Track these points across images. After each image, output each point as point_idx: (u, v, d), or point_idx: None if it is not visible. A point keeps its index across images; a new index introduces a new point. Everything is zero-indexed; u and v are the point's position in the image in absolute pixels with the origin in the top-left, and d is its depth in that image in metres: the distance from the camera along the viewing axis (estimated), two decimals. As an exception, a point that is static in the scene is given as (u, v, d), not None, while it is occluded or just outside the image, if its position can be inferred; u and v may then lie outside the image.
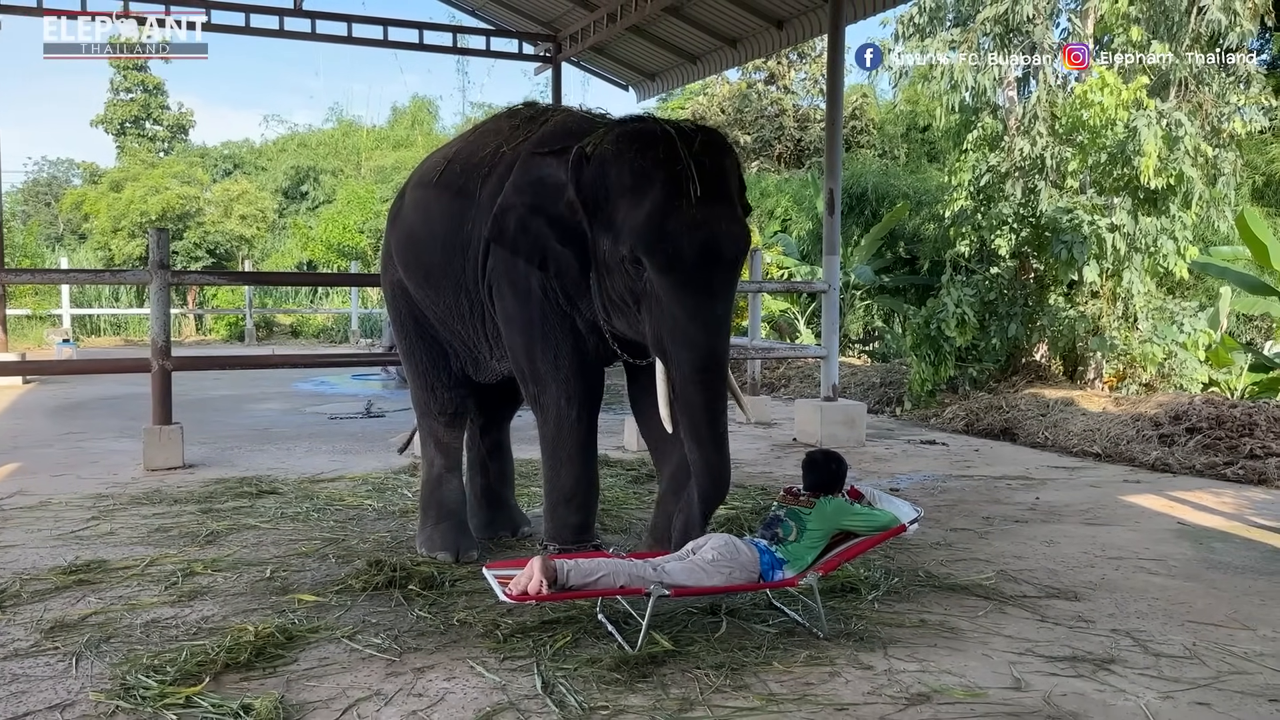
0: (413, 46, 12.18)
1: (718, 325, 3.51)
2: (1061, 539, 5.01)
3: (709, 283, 3.47)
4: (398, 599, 3.87)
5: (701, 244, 3.42)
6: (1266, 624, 3.72)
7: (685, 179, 3.43)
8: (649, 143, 3.53)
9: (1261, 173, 14.66)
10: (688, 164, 3.44)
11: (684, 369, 3.46)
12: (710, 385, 3.47)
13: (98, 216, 25.30)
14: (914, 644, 3.46)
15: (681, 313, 3.44)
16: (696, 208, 3.42)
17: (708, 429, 3.48)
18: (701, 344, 3.45)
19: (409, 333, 4.70)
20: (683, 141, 3.50)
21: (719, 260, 3.48)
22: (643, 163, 3.51)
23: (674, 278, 3.43)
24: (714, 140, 3.65)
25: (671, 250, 3.41)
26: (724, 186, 3.57)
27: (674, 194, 3.43)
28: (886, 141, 22.46)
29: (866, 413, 8.65)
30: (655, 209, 3.44)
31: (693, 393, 3.47)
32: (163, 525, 5.10)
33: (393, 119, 35.82)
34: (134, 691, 2.97)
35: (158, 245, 6.75)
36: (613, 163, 3.57)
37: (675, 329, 3.46)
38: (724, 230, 3.49)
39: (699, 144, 3.53)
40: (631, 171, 3.52)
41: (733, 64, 11.85)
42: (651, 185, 3.47)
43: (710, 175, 3.49)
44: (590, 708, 2.90)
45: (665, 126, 3.60)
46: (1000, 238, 9.83)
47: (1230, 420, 7.36)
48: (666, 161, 3.47)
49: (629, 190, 3.52)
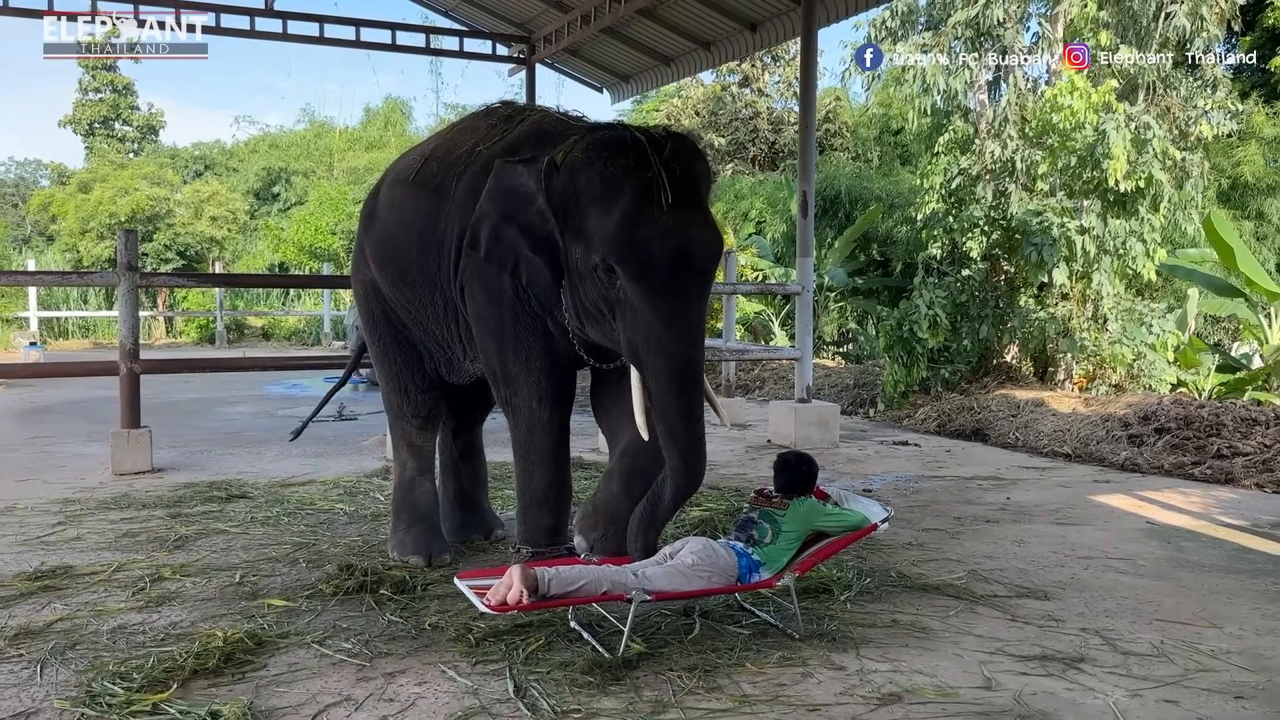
0: (385, 47, 12.10)
1: (692, 332, 3.51)
2: (1032, 539, 5.05)
3: (682, 289, 3.46)
4: (369, 603, 3.84)
5: (674, 250, 3.41)
6: (1233, 622, 3.76)
7: (656, 186, 3.42)
8: (619, 150, 3.52)
9: (1228, 176, 14.85)
10: (658, 171, 3.43)
11: (660, 377, 3.45)
12: (686, 392, 3.46)
13: (66, 218, 25.01)
14: (886, 644, 3.47)
15: (656, 320, 3.43)
16: (668, 214, 3.41)
17: (685, 433, 3.47)
18: (676, 352, 3.44)
19: (382, 334, 4.66)
20: (653, 148, 3.49)
21: (691, 266, 3.47)
22: (612, 170, 3.49)
23: (647, 285, 3.42)
24: (685, 146, 3.64)
25: (643, 257, 3.40)
26: (695, 192, 3.57)
27: (645, 201, 3.42)
28: (859, 144, 22.59)
29: (840, 414, 8.68)
30: (626, 216, 3.43)
31: (669, 400, 3.45)
32: (131, 530, 5.04)
33: (365, 120, 35.63)
34: (100, 699, 2.93)
35: (126, 247, 6.68)
36: (583, 171, 3.56)
37: (650, 337, 3.44)
38: (696, 236, 3.48)
39: (669, 150, 3.51)
40: (601, 179, 3.51)
41: (707, 66, 11.86)
42: (622, 193, 3.45)
43: (681, 181, 3.48)
44: (563, 711, 2.89)
45: (635, 133, 3.58)
46: (971, 240, 9.91)
47: (1198, 420, 7.44)
48: (637, 168, 3.45)
49: (599, 198, 3.51)
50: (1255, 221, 15.17)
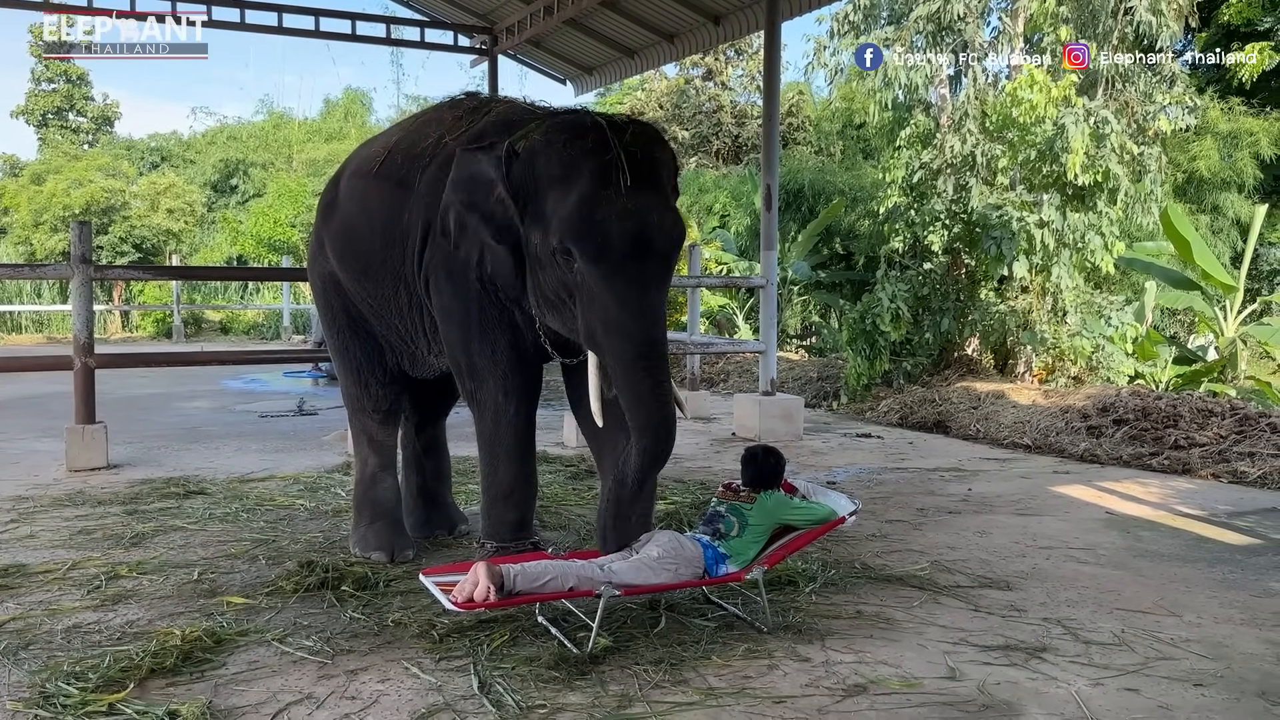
0: (345, 37, 11.97)
1: (652, 313, 3.46)
2: (994, 529, 5.09)
3: (641, 272, 3.43)
4: (330, 600, 3.79)
5: (632, 233, 3.37)
6: (1192, 610, 3.81)
7: (615, 168, 3.38)
8: (578, 133, 3.49)
9: (1184, 170, 15.06)
10: (617, 153, 3.40)
11: (623, 358, 3.41)
12: (652, 371, 3.41)
13: (18, 210, 24.49)
14: (851, 635, 3.48)
15: (613, 302, 3.39)
16: (626, 197, 3.38)
17: (657, 412, 3.42)
18: (635, 331, 3.40)
19: (341, 327, 4.59)
20: (613, 131, 3.47)
21: (650, 249, 3.43)
22: (571, 153, 3.46)
23: (604, 267, 3.39)
24: (646, 132, 3.62)
25: (600, 239, 3.36)
26: (656, 177, 3.53)
27: (603, 183, 3.38)
28: (822, 138, 22.64)
29: (804, 407, 8.71)
30: (584, 198, 3.39)
31: (637, 380, 3.40)
32: (86, 527, 4.95)
33: (325, 111, 35.23)
34: (54, 699, 2.87)
35: (80, 239, 6.54)
36: (541, 154, 3.53)
37: (608, 319, 3.41)
38: (655, 220, 3.44)
39: (630, 134, 3.49)
40: (560, 162, 3.48)
41: (670, 59, 11.84)
42: (580, 175, 3.42)
43: (641, 165, 3.45)
44: (528, 707, 2.87)
45: (596, 117, 3.56)
46: (933, 234, 9.96)
47: (1156, 412, 7.54)
48: (595, 151, 3.42)
49: (558, 181, 3.47)
50: (1211, 215, 15.41)
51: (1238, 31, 16.38)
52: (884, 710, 2.88)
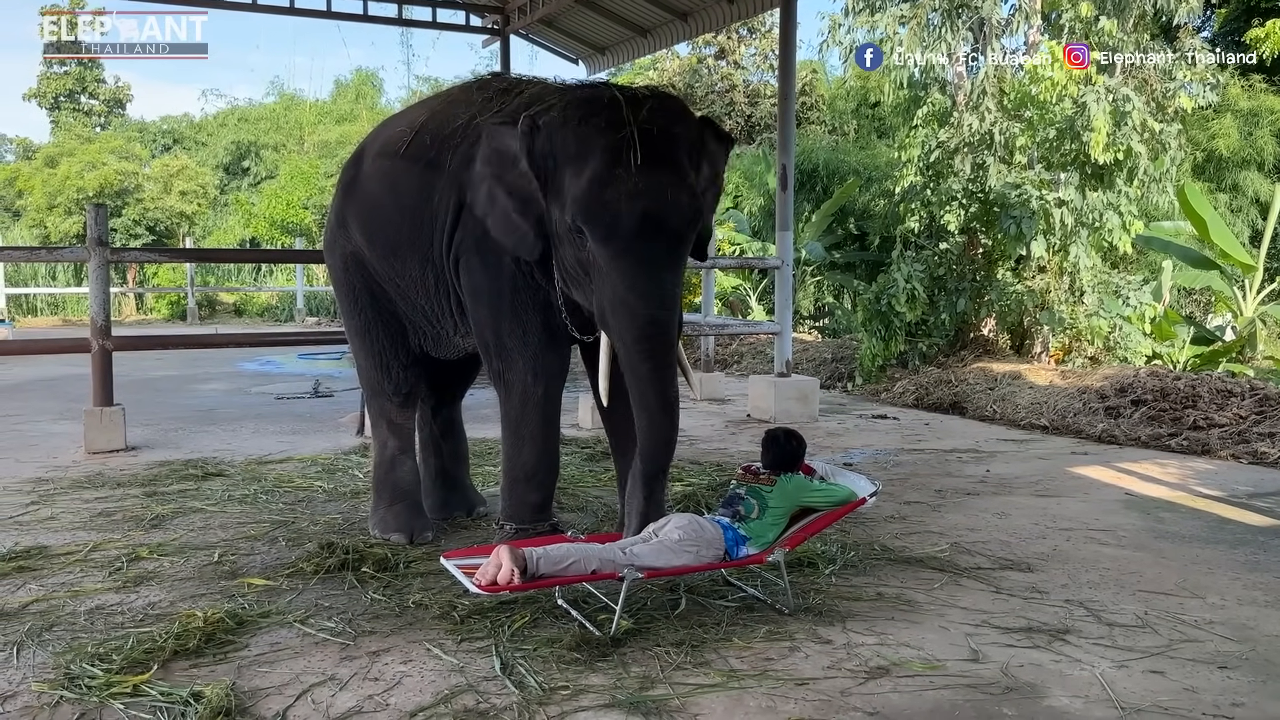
0: (356, 18, 11.90)
1: (659, 295, 3.43)
2: (1013, 511, 5.07)
3: (650, 252, 3.40)
4: (351, 582, 3.80)
5: (642, 213, 3.34)
6: (1215, 592, 3.79)
7: (627, 146, 3.34)
8: (594, 108, 3.46)
9: (1203, 149, 14.92)
10: (631, 130, 3.35)
11: (625, 338, 3.40)
12: (653, 354, 3.39)
13: (32, 193, 24.58)
14: (872, 617, 3.47)
15: (620, 282, 3.37)
16: (638, 175, 3.33)
17: (655, 397, 3.42)
18: (640, 313, 3.38)
19: (363, 308, 4.54)
20: (630, 107, 3.42)
21: (660, 230, 3.39)
22: (585, 129, 3.42)
23: (613, 247, 3.37)
24: (666, 106, 3.56)
25: (610, 219, 3.34)
26: (674, 154, 3.47)
27: (614, 162, 3.34)
28: (837, 118, 22.48)
29: (819, 388, 8.68)
30: (595, 176, 3.36)
31: (637, 361, 3.40)
32: (106, 509, 4.97)
33: (336, 93, 35.15)
34: (79, 681, 2.88)
35: (96, 221, 6.55)
36: (559, 130, 3.50)
37: (615, 299, 3.40)
38: (668, 199, 3.39)
39: (648, 109, 3.44)
40: (576, 138, 3.44)
41: (684, 38, 11.73)
42: (593, 152, 3.39)
43: (657, 141, 3.40)
44: (550, 688, 2.87)
45: (614, 92, 3.51)
46: (949, 213, 9.90)
47: (1174, 392, 7.49)
48: (609, 128, 3.38)
49: (573, 157, 3.44)
50: (1230, 194, 15.27)
51: (1258, 7, 16.19)
52: (907, 692, 2.87)
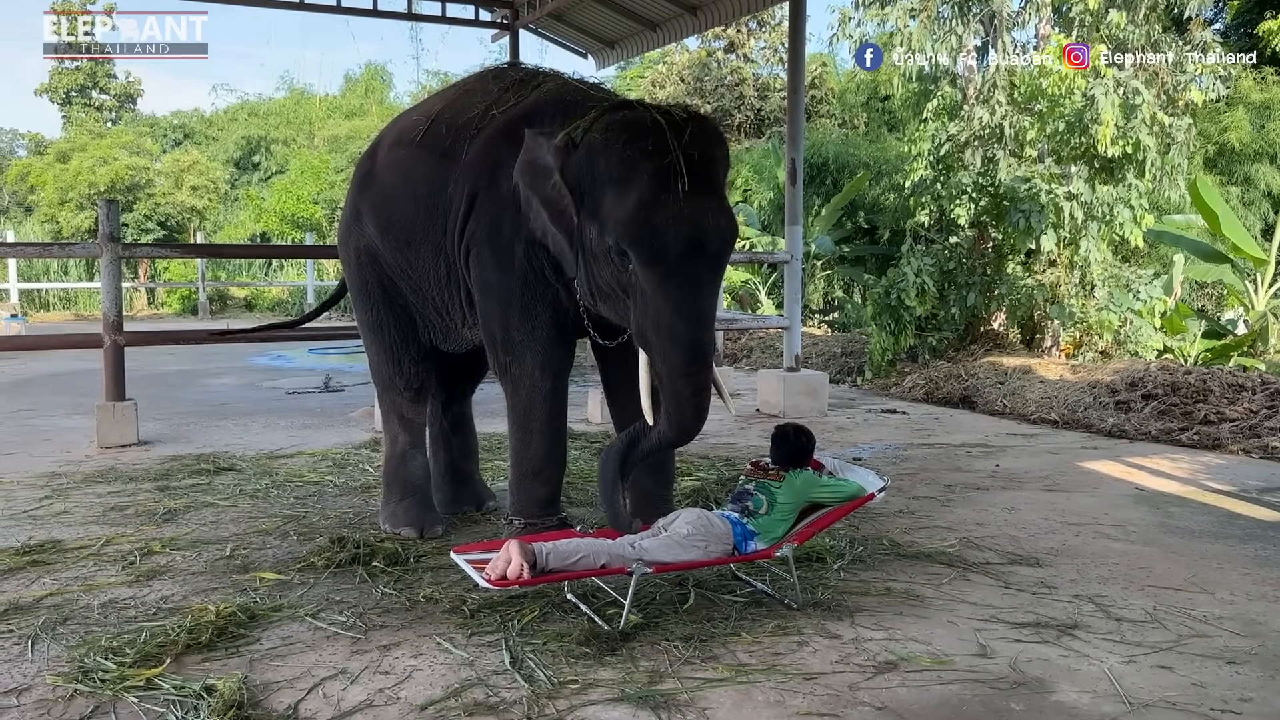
0: (366, 13, 11.91)
1: (702, 318, 3.48)
2: (1022, 505, 5.07)
3: (695, 276, 3.43)
4: (362, 576, 3.82)
5: (687, 238, 3.37)
6: (1224, 587, 3.78)
7: (673, 172, 3.36)
8: (638, 133, 3.44)
9: (1214, 142, 14.84)
10: (676, 156, 3.37)
11: (670, 363, 3.44)
12: (695, 378, 3.45)
13: (44, 188, 24.68)
14: (880, 612, 3.48)
15: (666, 306, 3.40)
16: (684, 201, 3.36)
17: (693, 419, 3.49)
18: (684, 338, 3.41)
19: (376, 302, 4.56)
20: (673, 131, 3.42)
21: (704, 254, 3.43)
22: (630, 153, 3.42)
23: (659, 272, 3.39)
24: (705, 130, 3.56)
25: (657, 245, 3.36)
26: (713, 178, 3.51)
27: (661, 187, 3.36)
28: (846, 111, 22.44)
29: (828, 383, 8.68)
30: (642, 202, 3.37)
31: (680, 386, 3.44)
32: (118, 504, 5.00)
33: (345, 88, 35.25)
34: (92, 674, 2.90)
35: (108, 217, 6.58)
36: (600, 152, 3.49)
37: (660, 323, 3.42)
38: (711, 224, 3.43)
39: (689, 135, 3.45)
40: (620, 162, 3.44)
41: (693, 31, 11.69)
42: (639, 177, 3.39)
43: (699, 166, 3.42)
44: (559, 682, 2.88)
45: (655, 115, 3.50)
46: (959, 207, 9.88)
47: (1185, 386, 7.47)
48: (655, 153, 3.39)
49: (615, 181, 3.45)
50: (1242, 187, 15.19)
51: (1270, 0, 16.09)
52: (915, 687, 2.88)
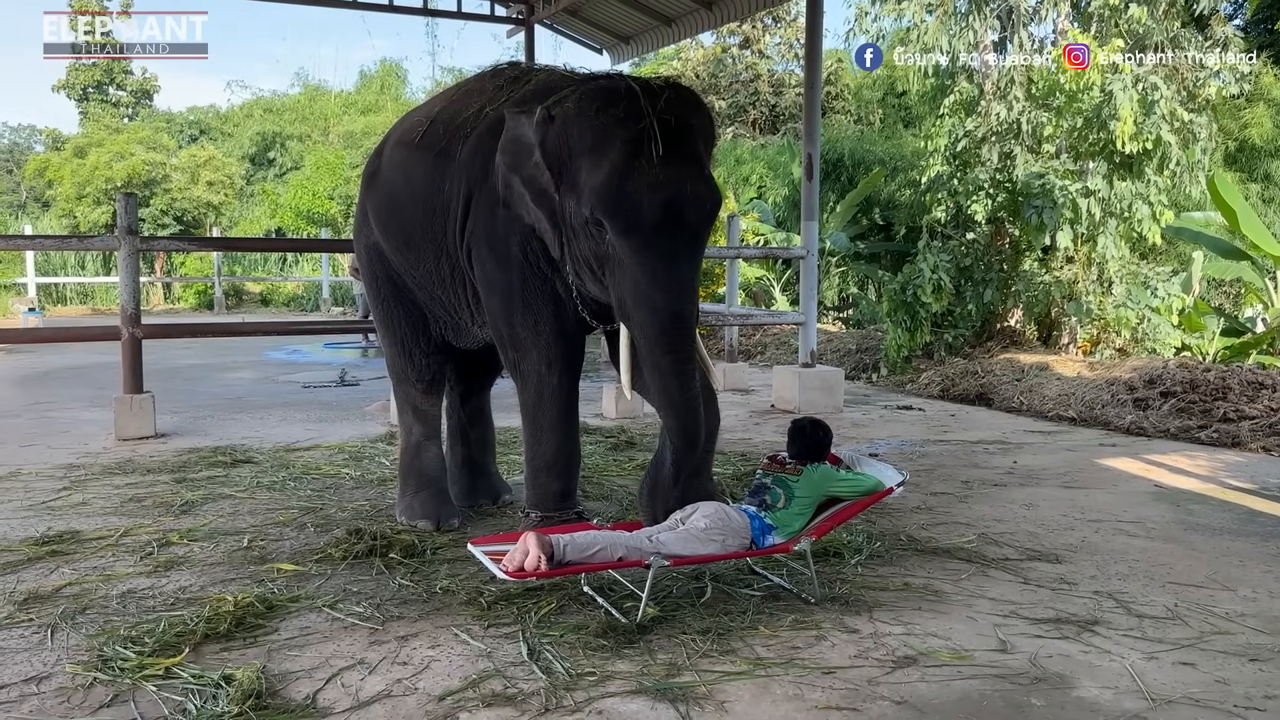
0: (382, 9, 11.95)
1: (680, 288, 3.41)
2: (1040, 502, 5.04)
3: (671, 245, 3.38)
4: (379, 567, 3.83)
5: (663, 205, 3.32)
6: (1246, 584, 3.75)
7: (647, 137, 3.32)
8: (611, 100, 3.42)
9: (1234, 138, 14.73)
10: (650, 122, 3.33)
11: (647, 332, 3.39)
12: (674, 348, 3.39)
13: (62, 183, 24.83)
14: (899, 607, 3.46)
15: (642, 276, 3.36)
16: (659, 167, 3.31)
17: (678, 392, 3.41)
18: (662, 306, 3.36)
19: (385, 297, 4.60)
20: (648, 98, 3.39)
21: (681, 222, 3.37)
22: (603, 121, 3.39)
23: (634, 240, 3.34)
24: (682, 97, 3.52)
25: (631, 212, 3.31)
26: (691, 145, 3.45)
27: (634, 153, 3.32)
28: (862, 107, 22.37)
29: (844, 379, 8.65)
30: (615, 169, 3.33)
31: (658, 355, 3.39)
32: (136, 495, 5.02)
33: (361, 84, 35.26)
34: (112, 663, 2.92)
35: (125, 210, 6.61)
36: (574, 121, 3.47)
37: (636, 292, 3.38)
38: (687, 190, 3.37)
39: (665, 100, 3.41)
40: (592, 130, 3.41)
41: (709, 26, 11.68)
42: (612, 144, 3.36)
43: (675, 133, 3.37)
44: (577, 674, 2.88)
45: (630, 83, 3.48)
46: (976, 203, 9.82)
47: (1204, 384, 7.42)
48: (628, 119, 3.35)
49: (590, 150, 3.42)
50: (1262, 184, 15.09)
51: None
52: (935, 682, 2.86)
